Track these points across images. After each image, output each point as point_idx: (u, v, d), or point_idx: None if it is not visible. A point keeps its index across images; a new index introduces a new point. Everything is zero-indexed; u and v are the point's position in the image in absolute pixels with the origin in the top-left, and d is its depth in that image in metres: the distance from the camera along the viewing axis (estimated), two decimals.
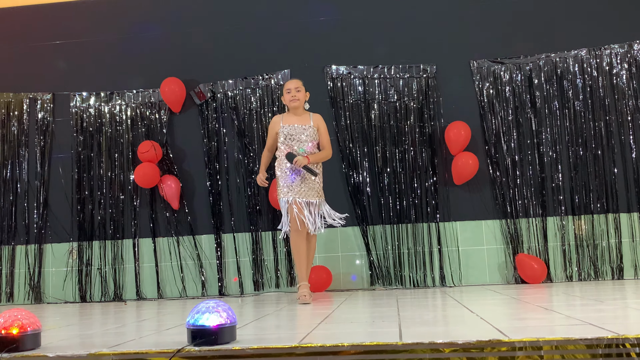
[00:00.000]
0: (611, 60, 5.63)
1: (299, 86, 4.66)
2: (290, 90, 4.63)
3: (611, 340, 2.03)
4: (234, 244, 5.79)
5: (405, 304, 3.82)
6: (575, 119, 5.60)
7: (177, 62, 6.07)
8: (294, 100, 4.61)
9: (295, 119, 4.65)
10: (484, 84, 5.72)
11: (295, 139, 4.58)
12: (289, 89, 4.64)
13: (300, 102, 4.63)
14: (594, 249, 5.46)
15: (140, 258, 5.92)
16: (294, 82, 4.68)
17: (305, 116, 4.69)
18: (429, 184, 5.65)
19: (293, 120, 4.65)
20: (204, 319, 2.31)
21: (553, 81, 5.66)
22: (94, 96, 6.13)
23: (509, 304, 3.61)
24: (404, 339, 2.20)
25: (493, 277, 5.56)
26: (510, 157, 5.62)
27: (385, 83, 5.81)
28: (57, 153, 6.11)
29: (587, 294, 4.07)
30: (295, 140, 4.58)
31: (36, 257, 5.97)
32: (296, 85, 4.65)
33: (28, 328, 2.38)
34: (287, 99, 4.64)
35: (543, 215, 5.54)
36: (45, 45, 6.25)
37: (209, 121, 5.95)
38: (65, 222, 6.02)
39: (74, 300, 5.91)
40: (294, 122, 4.63)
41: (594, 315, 2.74)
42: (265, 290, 5.73)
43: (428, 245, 5.61)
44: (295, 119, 4.65)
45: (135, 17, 6.21)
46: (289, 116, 4.68)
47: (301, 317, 3.39)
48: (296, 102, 4.61)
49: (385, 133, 5.74)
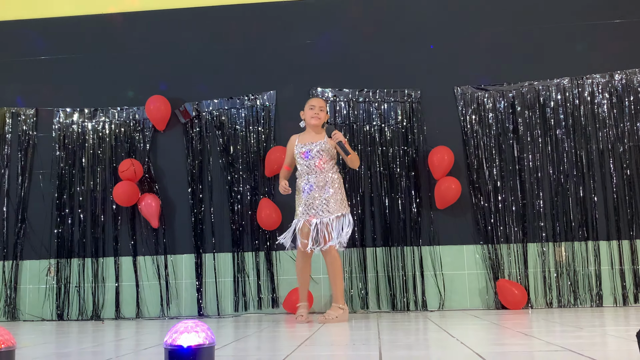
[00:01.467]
0: (593, 89, 5.72)
1: (323, 106, 4.73)
2: (314, 107, 4.68)
3: None
4: (213, 264, 5.75)
5: (386, 328, 3.81)
6: (557, 147, 5.67)
7: (162, 80, 6.07)
8: (315, 117, 4.66)
9: (309, 137, 4.71)
10: (468, 110, 5.79)
11: (305, 157, 4.64)
12: (312, 106, 4.69)
13: (321, 120, 4.69)
14: (574, 276, 5.50)
15: (120, 276, 5.85)
16: (319, 100, 4.75)
17: (320, 134, 4.72)
18: (412, 207, 5.67)
19: (307, 139, 4.71)
20: (182, 339, 2.28)
21: (535, 109, 5.74)
22: (77, 112, 6.10)
23: (489, 329, 3.61)
24: None
25: (474, 302, 5.57)
26: (492, 183, 5.67)
27: (370, 106, 5.85)
28: (39, 169, 6.06)
29: (567, 320, 4.08)
30: (307, 158, 4.63)
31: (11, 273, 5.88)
32: (321, 104, 4.72)
33: (2, 345, 2.33)
34: (309, 115, 4.68)
35: (524, 242, 5.57)
36: (30, 60, 6.23)
37: (194, 140, 5.94)
38: (44, 238, 5.95)
39: (51, 319, 5.82)
40: (307, 140, 4.69)
41: (574, 342, 2.75)
42: (248, 311, 5.68)
43: (410, 269, 5.61)
44: (310, 137, 4.71)
45: (122, 35, 6.21)
46: (305, 134, 4.75)
47: (282, 339, 3.36)
48: (317, 121, 4.66)
49: (369, 156, 5.76)
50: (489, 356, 2.30)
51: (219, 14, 6.14)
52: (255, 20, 6.11)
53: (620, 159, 5.61)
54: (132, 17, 6.24)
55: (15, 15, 6.32)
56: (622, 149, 5.61)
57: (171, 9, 6.20)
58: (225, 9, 6.15)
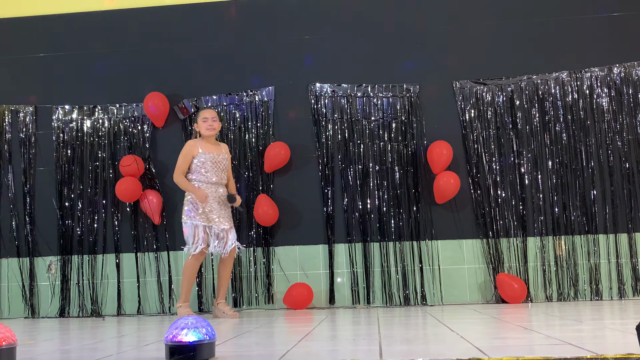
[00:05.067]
0: (591, 83, 5.72)
1: (216, 117, 4.98)
2: (207, 120, 4.93)
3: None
4: (211, 260, 5.76)
5: (386, 322, 3.82)
6: (556, 140, 5.67)
7: (161, 77, 6.07)
8: (210, 129, 4.92)
9: (212, 147, 4.97)
10: (466, 104, 5.79)
11: (215, 168, 4.91)
12: (205, 118, 4.94)
13: (215, 131, 4.97)
14: (574, 270, 5.51)
15: (121, 273, 5.86)
16: (211, 111, 5.01)
17: (218, 145, 5.05)
18: (412, 202, 5.67)
19: (211, 148, 4.95)
20: (183, 335, 2.29)
21: (534, 102, 5.74)
22: (76, 110, 6.10)
23: (489, 323, 3.62)
24: (384, 357, 2.20)
25: (473, 296, 5.58)
26: (491, 177, 5.67)
27: (368, 101, 5.85)
28: (40, 166, 6.06)
29: (567, 314, 4.10)
30: (215, 170, 4.91)
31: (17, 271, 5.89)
32: (213, 115, 4.97)
33: (3, 342, 2.34)
34: (204, 127, 4.93)
35: (523, 235, 5.58)
36: (28, 57, 6.21)
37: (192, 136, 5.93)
38: (45, 235, 5.95)
39: (52, 315, 5.83)
40: (212, 150, 4.94)
41: (573, 335, 2.76)
42: (246, 307, 5.70)
43: (410, 263, 5.62)
44: (213, 147, 4.97)
45: (120, 31, 6.20)
46: (204, 143, 4.96)
47: (281, 335, 3.37)
48: (212, 131, 4.94)
49: (368, 151, 5.77)
50: (489, 350, 2.31)
51: (217, 9, 6.13)
52: (253, 15, 6.10)
53: (619, 153, 5.61)
54: (130, 14, 6.23)
55: (13, 13, 6.30)
56: (621, 142, 5.62)
57: (168, 5, 6.18)
58: (222, 4, 6.13)
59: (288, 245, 5.75)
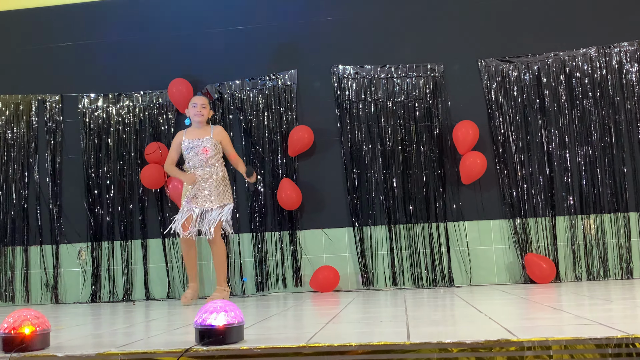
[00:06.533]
0: (620, 58, 5.60)
1: (205, 103, 5.03)
2: (196, 105, 4.98)
3: (621, 340, 2.01)
4: (238, 244, 5.80)
5: (413, 304, 3.81)
6: (584, 118, 5.57)
7: (184, 63, 6.08)
8: (198, 115, 4.97)
9: (195, 133, 5.01)
10: (492, 83, 5.71)
11: (194, 152, 4.95)
12: (195, 104, 4.99)
13: (204, 117, 5.01)
14: (604, 249, 5.44)
15: (149, 258, 5.93)
16: (201, 98, 5.07)
17: (205, 129, 5.04)
18: (437, 183, 5.63)
19: (194, 135, 5.01)
20: (212, 319, 2.31)
21: (561, 79, 5.63)
22: (101, 97, 6.16)
23: (517, 304, 3.60)
24: (411, 339, 2.19)
25: (501, 277, 5.54)
26: (518, 156, 5.60)
27: (392, 82, 5.80)
28: (67, 154, 6.14)
29: (596, 293, 4.05)
30: (193, 155, 4.95)
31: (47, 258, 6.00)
32: (202, 102, 5.01)
33: (37, 328, 2.39)
34: (192, 112, 5.00)
35: (552, 215, 5.51)
36: (54, 47, 6.27)
37: (216, 122, 5.96)
38: (75, 222, 6.05)
39: (83, 301, 5.93)
40: (194, 137, 4.99)
41: (603, 315, 2.73)
42: (273, 290, 5.73)
43: (437, 245, 5.59)
44: (196, 133, 5.01)
45: (143, 18, 6.22)
46: (191, 131, 5.05)
47: (308, 317, 3.39)
48: (200, 117, 4.98)
49: (393, 133, 5.73)
50: (518, 331, 2.29)
51: None
52: None
53: None
54: (152, 1, 6.24)
55: (38, 3, 6.36)
56: None
57: None
58: None
59: (313, 228, 5.76)
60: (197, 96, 5.14)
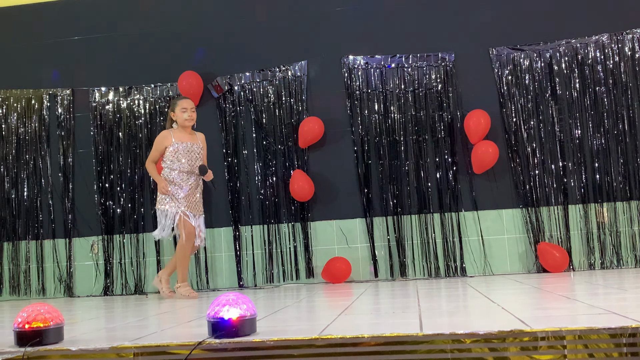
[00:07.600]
0: (633, 45, 5.53)
1: (194, 106, 4.99)
2: (187, 110, 4.88)
3: (635, 329, 2.00)
4: (251, 236, 5.81)
5: (425, 295, 3.81)
6: (597, 106, 5.52)
7: (194, 55, 6.07)
8: (190, 119, 4.90)
9: (186, 136, 4.93)
10: (504, 71, 5.66)
11: (189, 157, 4.88)
12: (184, 108, 4.89)
13: (194, 121, 4.95)
14: (617, 237, 5.40)
15: (161, 251, 5.96)
16: (189, 101, 4.98)
17: (192, 133, 5.01)
18: (449, 173, 5.61)
19: (185, 138, 4.92)
20: (225, 312, 2.31)
21: (574, 67, 5.58)
22: (112, 91, 6.17)
23: (530, 294, 3.58)
24: (424, 330, 2.19)
25: (514, 266, 5.52)
26: (530, 145, 5.56)
27: (403, 72, 5.77)
28: (78, 148, 6.17)
29: (610, 282, 4.02)
30: (188, 158, 4.88)
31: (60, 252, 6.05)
32: (192, 105, 4.96)
33: (51, 322, 2.40)
34: (182, 117, 4.88)
35: (564, 204, 5.48)
36: (64, 41, 6.28)
37: (227, 114, 5.96)
38: (87, 216, 6.08)
39: (96, 294, 5.97)
40: (186, 140, 4.92)
41: (618, 304, 2.71)
42: (286, 281, 5.74)
43: (449, 234, 5.58)
44: (187, 136, 4.94)
45: (152, 12, 6.22)
46: (179, 132, 4.93)
47: (321, 309, 3.39)
48: (191, 122, 4.93)
49: (404, 123, 5.70)
50: (531, 321, 2.28)
51: None
52: None
53: None
54: None
55: None
56: None
57: None
58: None
59: (325, 220, 5.76)
60: (184, 99, 4.99)
